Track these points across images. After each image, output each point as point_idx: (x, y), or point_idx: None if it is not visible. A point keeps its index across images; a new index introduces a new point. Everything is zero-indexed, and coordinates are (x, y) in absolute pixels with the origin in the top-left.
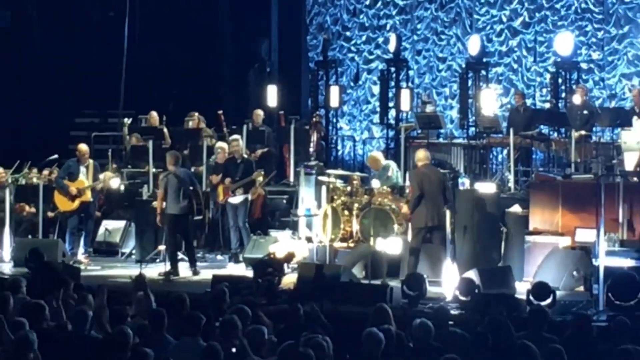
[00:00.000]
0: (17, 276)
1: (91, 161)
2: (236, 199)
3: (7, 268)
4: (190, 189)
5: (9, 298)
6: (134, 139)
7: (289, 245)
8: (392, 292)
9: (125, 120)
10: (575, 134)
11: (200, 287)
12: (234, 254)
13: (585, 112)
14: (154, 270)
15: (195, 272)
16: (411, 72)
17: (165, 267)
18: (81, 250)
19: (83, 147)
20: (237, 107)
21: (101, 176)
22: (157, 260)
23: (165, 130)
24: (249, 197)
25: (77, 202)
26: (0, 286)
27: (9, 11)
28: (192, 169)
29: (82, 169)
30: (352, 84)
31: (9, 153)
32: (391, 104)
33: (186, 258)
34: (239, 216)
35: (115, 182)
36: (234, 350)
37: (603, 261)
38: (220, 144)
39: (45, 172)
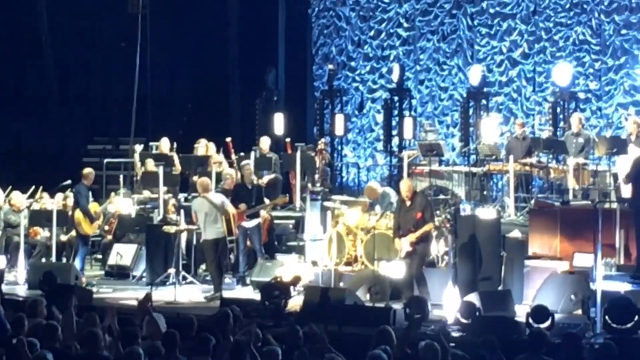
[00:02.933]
0: (37, 297)
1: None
2: (250, 223)
3: (22, 290)
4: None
5: (24, 320)
6: (148, 164)
7: (295, 269)
8: (395, 315)
9: (136, 147)
10: (572, 161)
11: (209, 309)
12: (242, 277)
13: (580, 139)
14: (164, 293)
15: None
16: (414, 101)
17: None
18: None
19: (91, 170)
20: (245, 134)
21: (113, 198)
22: (167, 283)
23: (175, 156)
24: (260, 221)
25: (96, 225)
26: (17, 308)
27: None
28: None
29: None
30: (356, 112)
31: (24, 177)
32: (394, 132)
33: (196, 282)
34: (254, 240)
35: (126, 207)
36: None
37: (600, 285)
38: (228, 170)
39: (59, 197)
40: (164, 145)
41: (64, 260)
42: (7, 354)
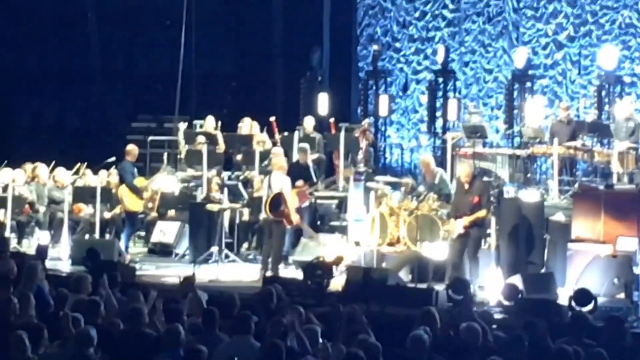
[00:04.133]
0: (82, 273)
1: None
2: (305, 203)
3: (65, 266)
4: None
5: (67, 295)
6: (197, 142)
7: (337, 249)
8: (437, 296)
9: (180, 125)
10: (619, 145)
11: (251, 288)
12: (285, 256)
13: (631, 123)
14: (206, 271)
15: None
16: (458, 83)
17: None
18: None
19: (136, 148)
20: (289, 114)
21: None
22: (210, 261)
23: (220, 135)
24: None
25: (143, 202)
26: (61, 284)
27: None
28: (245, 174)
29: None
30: (400, 93)
31: (67, 154)
32: (438, 114)
33: (239, 260)
34: (304, 219)
35: (170, 185)
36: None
37: None
38: (275, 149)
39: (104, 173)
40: (209, 123)
41: (107, 237)
42: (50, 329)
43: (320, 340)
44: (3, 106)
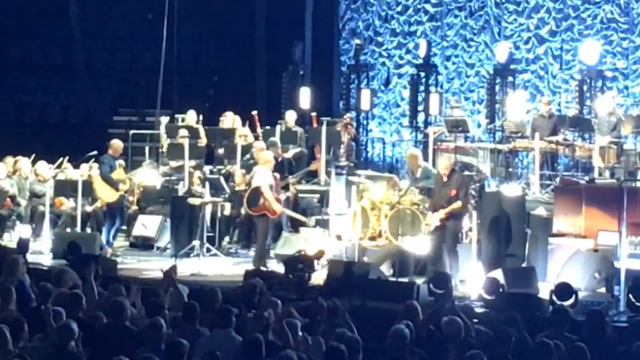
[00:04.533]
0: (63, 267)
1: (121, 160)
2: (281, 196)
3: (47, 260)
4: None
5: (49, 289)
6: (179, 136)
7: (319, 243)
8: (419, 290)
9: (162, 119)
10: (601, 140)
11: (232, 282)
12: (267, 250)
13: (612, 118)
14: (188, 265)
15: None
16: (440, 77)
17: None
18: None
19: (120, 143)
20: (271, 108)
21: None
22: (191, 254)
23: (201, 129)
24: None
25: (118, 194)
26: (42, 277)
27: None
28: (227, 168)
29: (117, 163)
30: (382, 87)
31: (49, 148)
32: (420, 108)
33: (220, 254)
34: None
35: (151, 178)
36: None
37: (624, 264)
38: (257, 143)
39: (85, 167)
40: (190, 117)
41: (89, 230)
42: (32, 323)
43: (301, 333)
44: None
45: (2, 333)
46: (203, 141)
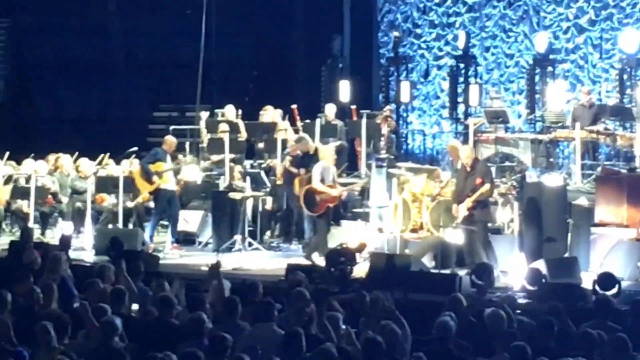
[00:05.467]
0: (105, 263)
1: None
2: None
3: (89, 256)
4: None
5: (91, 285)
6: (220, 130)
7: (361, 236)
8: (461, 282)
9: (202, 114)
10: None
11: (274, 276)
12: (307, 243)
13: None
14: (230, 259)
15: None
16: (480, 69)
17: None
18: (170, 239)
19: (174, 140)
20: (310, 101)
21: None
22: (233, 249)
23: (241, 123)
24: None
25: (155, 185)
26: (85, 274)
27: None
28: (268, 162)
29: (168, 158)
30: (422, 79)
31: (90, 145)
32: (460, 99)
33: (262, 248)
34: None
35: (193, 173)
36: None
37: None
38: (292, 137)
39: (126, 163)
40: (229, 112)
41: (130, 226)
42: (74, 319)
43: (344, 326)
44: (26, 97)
45: (45, 330)
46: (243, 136)
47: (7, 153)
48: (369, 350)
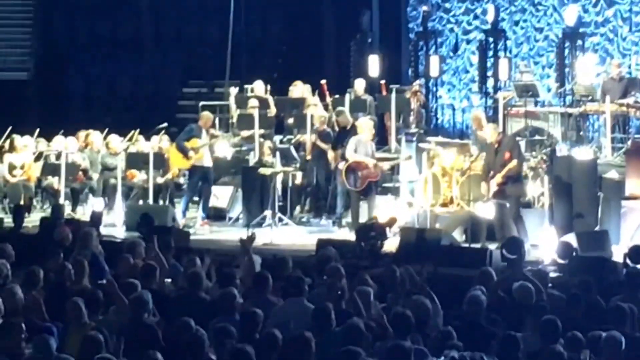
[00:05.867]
0: (135, 239)
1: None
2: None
3: (120, 232)
4: None
5: (122, 261)
6: (249, 106)
7: (391, 210)
8: (491, 256)
9: (232, 89)
10: None
11: (305, 251)
12: (338, 218)
13: None
14: (260, 234)
15: None
16: (509, 42)
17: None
18: (201, 214)
19: (210, 115)
20: (339, 76)
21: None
22: (263, 224)
23: (271, 99)
24: None
25: (191, 161)
26: (116, 250)
27: None
28: (297, 137)
29: (203, 134)
30: (451, 54)
31: (120, 121)
32: (489, 73)
33: (292, 223)
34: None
35: (223, 149)
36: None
37: None
38: (319, 113)
39: (156, 139)
40: (258, 87)
41: (161, 202)
42: (105, 295)
43: (375, 302)
44: (56, 75)
45: (76, 306)
46: (272, 111)
47: (38, 130)
48: (398, 324)
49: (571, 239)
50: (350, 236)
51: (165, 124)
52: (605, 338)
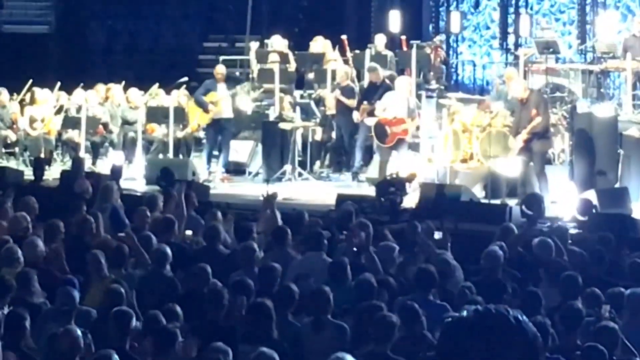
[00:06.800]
0: (155, 192)
1: (224, 83)
2: (371, 121)
3: (140, 186)
4: None
5: (142, 213)
6: (269, 61)
7: (410, 166)
8: (511, 212)
9: (252, 44)
10: None
11: (324, 205)
12: (356, 172)
13: None
14: (280, 189)
15: None
16: None
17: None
18: (221, 169)
19: (221, 68)
20: (360, 31)
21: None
22: (283, 179)
23: (291, 54)
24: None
25: (211, 115)
26: (135, 203)
27: None
28: (317, 92)
29: (219, 87)
30: (472, 10)
31: (140, 75)
32: (510, 30)
33: (312, 178)
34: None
35: (244, 103)
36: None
37: None
38: (341, 67)
39: (176, 93)
40: (278, 42)
41: (181, 156)
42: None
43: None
44: (76, 28)
45: (97, 259)
46: (293, 66)
47: (59, 83)
48: (421, 280)
49: (591, 195)
50: (370, 191)
51: (185, 78)
52: (629, 295)
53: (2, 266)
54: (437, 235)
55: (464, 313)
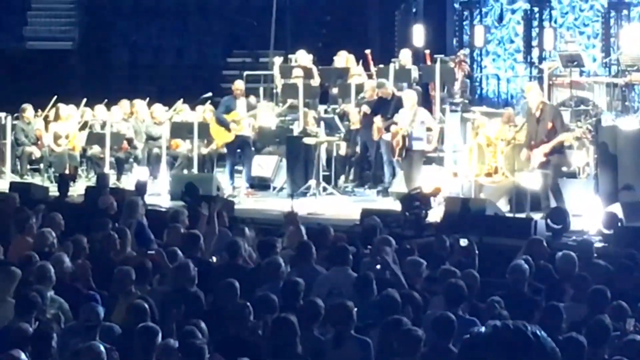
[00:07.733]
0: (179, 208)
1: (245, 98)
2: (389, 136)
3: (165, 201)
4: None
5: (178, 229)
6: (293, 76)
7: (435, 180)
8: (536, 225)
9: (276, 59)
10: None
11: (349, 220)
12: (386, 188)
13: None
14: (304, 204)
15: None
16: (554, 12)
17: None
18: (245, 184)
19: (239, 84)
20: (384, 46)
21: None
22: (308, 194)
23: (315, 68)
24: None
25: (233, 134)
26: (160, 219)
27: None
28: (342, 107)
29: (238, 103)
30: (496, 23)
31: (164, 91)
32: (534, 43)
33: (336, 193)
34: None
35: (267, 119)
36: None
37: None
38: (369, 82)
39: (200, 109)
40: (302, 57)
41: (205, 172)
42: (152, 264)
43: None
44: (101, 44)
45: (124, 275)
46: (317, 81)
47: (85, 100)
48: (450, 294)
49: (616, 209)
50: (395, 206)
51: (209, 94)
52: None
53: (34, 283)
54: (463, 242)
55: (483, 329)
